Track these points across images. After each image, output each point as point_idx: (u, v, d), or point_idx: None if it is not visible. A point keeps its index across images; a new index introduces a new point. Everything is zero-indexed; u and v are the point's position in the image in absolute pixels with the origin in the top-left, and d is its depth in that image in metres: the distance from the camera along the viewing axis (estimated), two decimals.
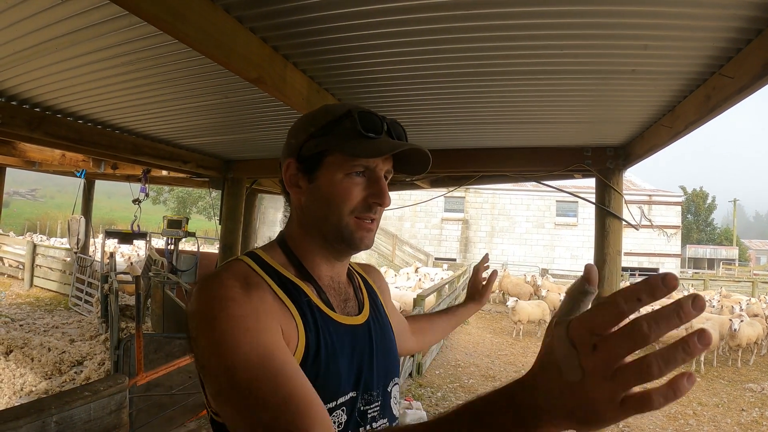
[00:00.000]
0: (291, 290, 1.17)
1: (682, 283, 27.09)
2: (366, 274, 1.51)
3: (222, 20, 2.52)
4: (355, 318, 1.29)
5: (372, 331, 1.30)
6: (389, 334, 1.39)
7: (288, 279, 1.19)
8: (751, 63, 2.58)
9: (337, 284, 1.31)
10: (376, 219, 1.25)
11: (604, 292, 5.01)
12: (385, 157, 1.23)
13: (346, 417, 1.15)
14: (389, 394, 1.30)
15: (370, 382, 1.24)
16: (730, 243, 63.14)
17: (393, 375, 1.34)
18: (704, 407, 8.73)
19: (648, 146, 4.36)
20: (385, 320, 1.41)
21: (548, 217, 33.03)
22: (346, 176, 1.21)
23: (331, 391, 1.12)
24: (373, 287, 1.47)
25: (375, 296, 1.44)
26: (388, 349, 1.34)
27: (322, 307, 1.20)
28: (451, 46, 2.92)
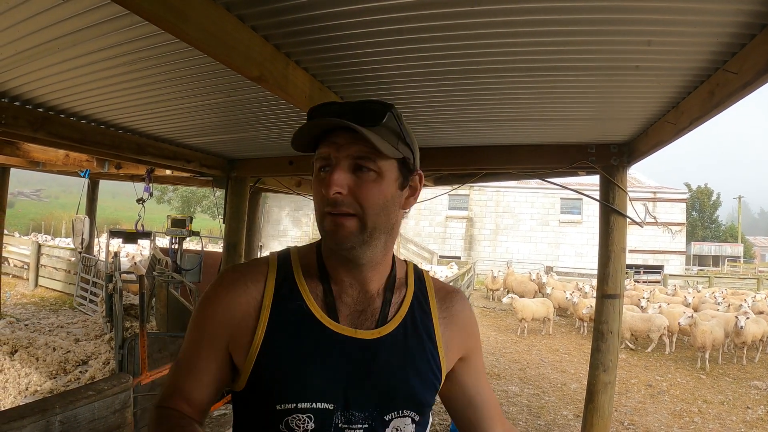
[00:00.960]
0: (285, 292, 1.23)
1: (687, 281, 27.04)
2: (439, 298, 1.36)
3: (223, 19, 2.52)
4: (364, 332, 1.22)
5: (382, 350, 1.21)
6: (414, 364, 1.24)
7: (293, 280, 1.25)
8: (755, 58, 2.56)
9: (358, 292, 1.25)
10: (342, 211, 1.15)
11: (609, 289, 5.00)
12: (339, 143, 1.16)
13: (314, 425, 1.14)
14: (386, 423, 1.20)
15: (356, 401, 1.17)
16: (735, 240, 62.93)
17: (399, 407, 1.21)
18: (709, 405, 8.70)
19: (652, 143, 4.34)
20: (422, 349, 1.26)
21: (553, 215, 33.00)
22: (315, 176, 1.22)
23: (291, 395, 1.15)
24: (433, 312, 1.32)
25: (425, 321, 1.30)
26: (401, 378, 1.21)
27: (316, 312, 1.21)
28: (454, 43, 2.91)
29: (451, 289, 1.41)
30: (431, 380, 1.26)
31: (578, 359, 11.48)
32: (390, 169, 1.20)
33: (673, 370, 10.95)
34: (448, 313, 1.35)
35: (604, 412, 4.98)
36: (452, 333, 1.33)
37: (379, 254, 1.24)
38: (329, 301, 1.23)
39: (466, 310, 1.40)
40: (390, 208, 1.21)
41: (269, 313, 1.20)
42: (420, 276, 1.39)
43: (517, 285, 20.23)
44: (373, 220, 1.17)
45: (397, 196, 1.23)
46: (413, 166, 1.27)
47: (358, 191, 1.16)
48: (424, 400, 1.25)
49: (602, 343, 5.01)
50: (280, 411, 1.14)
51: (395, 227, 1.26)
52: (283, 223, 35.16)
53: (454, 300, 1.38)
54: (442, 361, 1.29)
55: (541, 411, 7.93)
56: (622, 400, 8.62)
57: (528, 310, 13.93)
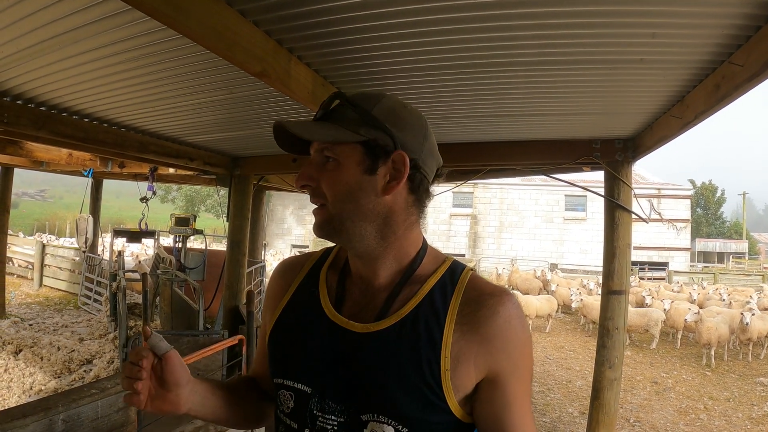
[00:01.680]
0: (308, 279, 1.32)
1: (691, 278, 26.97)
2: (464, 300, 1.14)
3: (224, 13, 2.50)
4: (356, 324, 1.16)
5: (367, 346, 1.14)
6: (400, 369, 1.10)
7: (318, 270, 1.33)
8: (761, 50, 2.53)
9: (366, 285, 1.22)
10: (317, 203, 1.19)
11: (614, 285, 4.97)
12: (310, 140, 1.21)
13: (293, 404, 1.21)
14: (363, 423, 1.10)
15: (331, 391, 1.14)
16: (739, 236, 62.72)
17: (374, 410, 1.10)
18: (715, 402, 8.67)
19: (657, 137, 4.31)
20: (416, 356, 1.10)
21: (557, 212, 32.99)
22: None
23: (280, 368, 1.26)
24: (448, 315, 1.13)
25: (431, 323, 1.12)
26: (378, 380, 1.11)
27: (323, 299, 1.25)
28: (457, 37, 2.88)
29: (488, 291, 1.16)
30: (423, 393, 1.08)
31: (583, 356, 11.46)
32: (350, 155, 1.14)
33: (679, 366, 10.92)
34: (469, 320, 1.12)
35: (609, 408, 4.96)
36: (470, 344, 1.11)
37: (372, 245, 1.18)
38: (339, 291, 1.26)
39: (499, 319, 1.12)
40: (357, 195, 1.14)
41: (290, 295, 1.32)
42: (455, 273, 1.21)
43: (521, 282, 20.23)
44: (338, 207, 1.15)
45: (365, 181, 1.14)
46: (390, 147, 1.15)
47: (321, 181, 1.16)
48: (410, 413, 1.08)
49: (608, 340, 4.98)
50: (276, 384, 1.26)
51: (380, 215, 1.16)
52: (288, 222, 35.24)
53: (485, 305, 1.13)
54: (445, 375, 1.09)
55: (546, 408, 7.91)
56: (627, 397, 8.59)
57: (531, 307, 13.91)
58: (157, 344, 1.16)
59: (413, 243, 1.22)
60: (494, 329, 1.11)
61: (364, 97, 1.19)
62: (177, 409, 1.19)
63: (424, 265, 1.22)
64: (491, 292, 1.15)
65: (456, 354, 1.10)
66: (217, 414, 1.32)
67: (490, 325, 1.11)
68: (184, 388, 1.19)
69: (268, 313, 1.36)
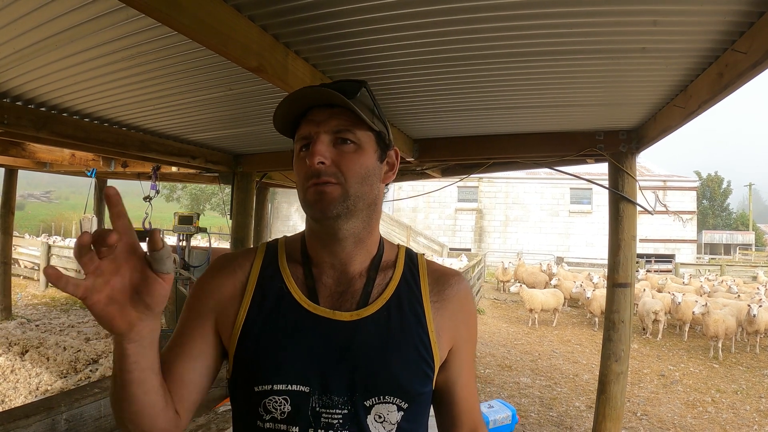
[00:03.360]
0: (268, 275, 1.26)
1: (698, 269, 26.89)
2: (432, 281, 1.31)
3: (219, 8, 2.47)
4: (342, 314, 1.20)
5: (360, 332, 1.19)
6: (398, 349, 1.20)
7: (276, 265, 1.28)
8: (765, 37, 2.49)
9: (339, 273, 1.25)
10: (325, 180, 1.17)
11: (619, 278, 4.95)
12: (317, 120, 1.21)
13: (290, 408, 1.14)
14: (367, 409, 1.15)
15: (333, 385, 1.15)
16: (746, 228, 62.56)
17: (381, 392, 1.16)
18: (723, 394, 8.64)
19: (661, 128, 4.27)
20: (408, 334, 1.22)
21: (562, 205, 32.94)
22: (296, 157, 1.25)
23: (266, 375, 1.16)
24: (423, 295, 1.28)
25: (413, 304, 1.25)
26: (381, 362, 1.17)
27: (296, 294, 1.23)
28: (457, 28, 2.85)
29: (446, 272, 1.35)
30: (420, 367, 1.21)
31: (590, 350, 11.43)
32: (368, 141, 1.23)
33: (686, 359, 10.88)
34: (440, 297, 1.29)
35: (616, 402, 4.94)
36: (443, 319, 1.27)
37: (361, 228, 1.24)
38: (309, 284, 1.24)
39: (460, 294, 1.32)
40: (371, 179, 1.23)
41: (252, 295, 1.23)
42: (413, 258, 1.36)
43: (527, 276, 20.19)
44: (355, 188, 1.19)
45: (377, 168, 1.25)
46: (389, 142, 1.30)
47: (340, 161, 1.18)
48: (411, 387, 1.19)
49: (614, 333, 4.96)
50: (257, 393, 1.16)
51: (377, 202, 1.27)
52: (293, 219, 35.27)
53: (449, 283, 1.31)
54: (434, 347, 1.24)
55: (553, 402, 7.88)
56: (634, 390, 8.56)
57: (536, 300, 13.88)
58: (163, 259, 0.97)
59: (378, 231, 1.34)
60: (459, 304, 1.31)
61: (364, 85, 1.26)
62: (123, 331, 0.97)
63: (386, 252, 1.34)
64: (451, 273, 1.35)
65: (438, 328, 1.25)
66: (146, 376, 1.06)
67: (456, 301, 1.30)
68: (149, 317, 0.99)
69: (217, 312, 1.24)
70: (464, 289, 1.34)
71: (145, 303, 0.97)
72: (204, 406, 5.02)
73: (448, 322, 1.28)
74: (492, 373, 9.36)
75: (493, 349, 11.05)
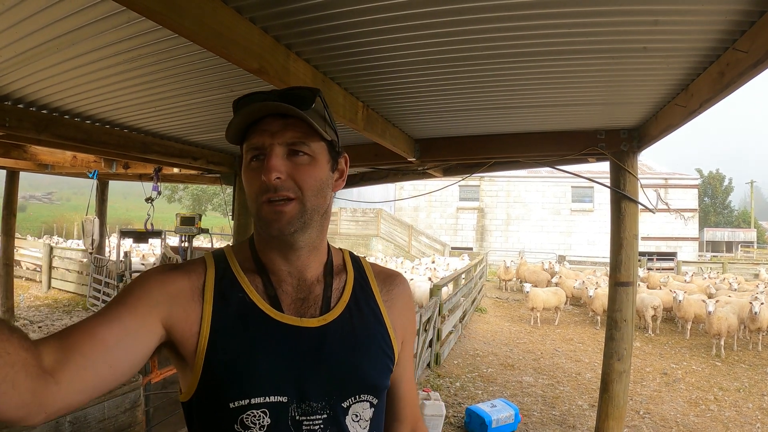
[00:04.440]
0: (225, 285, 1.21)
1: (700, 267, 26.87)
2: (380, 281, 1.37)
3: (220, 11, 2.47)
4: (310, 320, 1.20)
5: (329, 337, 1.20)
6: (365, 348, 1.24)
7: (233, 274, 1.23)
8: (766, 36, 2.49)
9: (297, 280, 1.25)
10: (282, 196, 1.15)
11: (621, 276, 4.95)
12: (271, 131, 1.17)
13: (270, 420, 1.11)
14: (344, 410, 1.18)
15: (310, 391, 1.15)
16: (748, 225, 62.53)
17: (355, 392, 1.20)
18: (725, 392, 8.63)
19: (662, 127, 4.28)
20: (370, 333, 1.27)
21: (564, 204, 32.93)
22: (246, 167, 1.23)
23: (243, 389, 1.11)
24: (376, 295, 1.34)
25: (370, 304, 1.31)
26: (352, 363, 1.20)
27: (259, 303, 1.20)
28: (457, 28, 2.85)
29: (390, 272, 1.43)
30: (384, 362, 1.27)
31: (592, 348, 11.43)
32: (321, 152, 1.22)
33: (689, 357, 10.87)
34: (389, 296, 1.36)
35: (619, 401, 4.94)
36: (394, 316, 1.34)
37: (315, 237, 1.25)
38: (270, 292, 1.22)
39: (405, 293, 1.41)
40: (325, 190, 1.23)
41: (212, 308, 1.17)
42: (357, 261, 1.41)
43: (529, 275, 20.18)
44: (311, 201, 1.19)
45: (330, 178, 1.26)
46: (339, 149, 1.29)
47: (296, 175, 1.17)
48: (379, 383, 1.25)
49: (616, 332, 4.96)
50: (233, 409, 1.11)
51: (328, 210, 1.28)
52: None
53: (395, 282, 1.40)
54: (394, 342, 1.31)
55: (555, 401, 7.88)
56: (637, 388, 8.56)
57: (539, 299, 13.87)
58: None
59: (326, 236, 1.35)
60: (405, 302, 1.39)
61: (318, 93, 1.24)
62: None
63: (334, 256, 1.36)
64: (395, 273, 1.43)
65: (392, 324, 1.32)
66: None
67: (402, 299, 1.38)
68: None
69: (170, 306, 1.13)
70: (407, 287, 1.43)
71: None
72: None
73: (398, 319, 1.34)
74: (494, 372, 9.36)
75: (495, 348, 11.05)
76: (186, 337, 1.14)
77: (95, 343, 1.01)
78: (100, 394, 1.04)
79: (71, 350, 0.98)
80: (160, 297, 1.13)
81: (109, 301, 1.14)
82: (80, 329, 1.02)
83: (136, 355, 1.08)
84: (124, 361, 1.05)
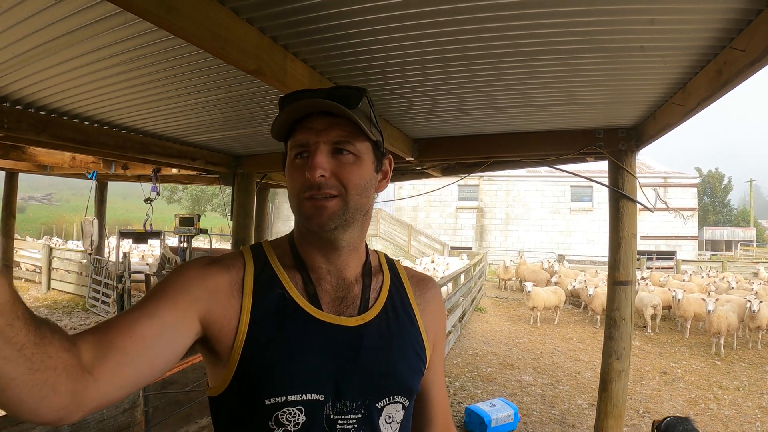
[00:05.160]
0: (265, 281, 1.19)
1: (700, 266, 26.88)
2: (413, 284, 1.37)
3: (217, 12, 2.48)
4: (348, 319, 1.20)
5: (367, 337, 1.19)
6: (400, 349, 1.24)
7: (273, 270, 1.22)
8: (763, 34, 2.50)
9: (336, 279, 1.24)
10: (325, 193, 1.14)
11: (620, 275, 4.95)
12: (317, 128, 1.16)
13: (305, 418, 1.10)
14: (379, 411, 1.17)
15: (347, 390, 1.14)
16: (747, 224, 62.54)
17: (390, 393, 1.19)
18: (725, 391, 8.63)
19: (660, 126, 4.28)
20: (405, 335, 1.26)
21: (563, 203, 32.89)
22: (290, 164, 1.21)
23: (280, 386, 1.10)
24: (410, 297, 1.33)
25: (405, 306, 1.31)
26: (388, 363, 1.20)
27: (299, 301, 1.18)
28: (455, 28, 2.86)
29: (423, 276, 1.44)
30: (417, 365, 1.27)
31: (592, 347, 11.43)
32: (366, 152, 1.21)
33: (688, 356, 10.88)
34: (423, 299, 1.36)
35: (618, 400, 4.94)
36: (427, 319, 1.34)
37: (356, 237, 1.24)
38: (310, 290, 1.20)
39: (437, 297, 1.42)
40: (368, 190, 1.22)
41: (252, 302, 1.15)
42: (392, 264, 1.41)
43: (529, 274, 20.16)
44: (354, 200, 1.17)
45: (374, 178, 1.24)
46: (384, 150, 1.29)
47: (340, 173, 1.16)
48: (413, 385, 1.25)
49: (615, 331, 4.96)
50: (269, 406, 1.09)
51: (370, 210, 1.26)
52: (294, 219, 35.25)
53: (428, 286, 1.40)
54: (426, 345, 1.31)
55: (555, 400, 7.89)
56: (636, 387, 8.56)
57: (540, 298, 13.87)
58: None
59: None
60: (437, 306, 1.40)
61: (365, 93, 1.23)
62: None
63: (371, 257, 1.35)
64: (428, 277, 1.44)
65: (425, 327, 1.32)
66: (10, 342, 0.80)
67: (435, 303, 1.39)
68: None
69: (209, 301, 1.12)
70: (439, 292, 1.44)
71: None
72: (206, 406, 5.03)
73: (430, 322, 1.34)
74: (494, 371, 9.36)
75: (494, 348, 11.05)
76: (223, 333, 1.13)
77: (134, 338, 0.99)
78: (137, 389, 1.05)
79: (110, 347, 0.96)
80: (199, 292, 1.12)
81: (148, 292, 1.12)
82: (118, 324, 1.00)
83: (173, 351, 1.07)
84: (161, 357, 1.04)
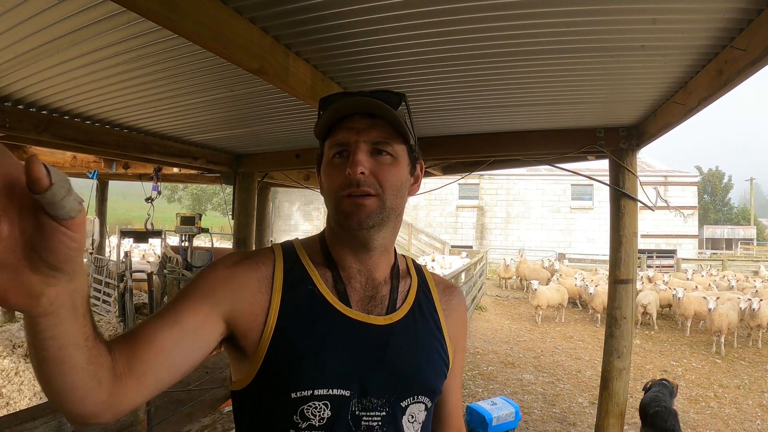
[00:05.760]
0: (295, 277, 1.22)
1: (700, 265, 26.85)
2: (439, 290, 1.40)
3: (220, 12, 2.49)
4: (376, 318, 1.22)
5: (394, 336, 1.21)
6: (426, 351, 1.26)
7: (303, 266, 1.25)
8: (763, 34, 2.50)
9: (366, 279, 1.27)
10: (364, 191, 1.16)
11: (621, 274, 4.95)
12: (357, 128, 1.19)
13: (330, 413, 1.11)
14: (402, 410, 1.19)
15: (372, 388, 1.15)
16: (747, 222, 62.59)
17: (414, 393, 1.21)
18: (725, 389, 8.64)
19: (661, 124, 4.28)
20: (431, 337, 1.29)
21: (564, 202, 32.88)
22: (328, 163, 1.23)
23: (307, 380, 1.12)
24: (436, 303, 1.36)
25: (431, 310, 1.33)
26: (414, 364, 1.22)
27: (329, 297, 1.21)
28: (456, 27, 2.86)
29: (449, 283, 1.46)
30: (441, 368, 1.29)
31: (593, 346, 11.44)
32: (403, 154, 1.24)
33: (689, 354, 10.89)
34: (448, 306, 1.38)
35: (619, 398, 4.95)
36: (451, 326, 1.36)
37: (388, 239, 1.27)
38: (340, 287, 1.23)
39: (462, 306, 1.44)
40: (403, 191, 1.25)
41: (281, 297, 1.18)
42: (419, 269, 1.43)
43: (529, 273, 20.15)
44: (391, 200, 1.20)
45: (408, 181, 1.27)
46: (418, 155, 1.31)
47: (378, 173, 1.18)
48: (436, 387, 1.27)
49: (616, 329, 4.96)
50: (295, 399, 1.11)
51: (402, 213, 1.29)
52: (294, 218, 35.24)
53: (453, 294, 1.42)
54: (449, 349, 1.32)
55: (556, 399, 7.90)
56: (637, 386, 8.54)
57: (544, 297, 13.87)
58: (56, 200, 0.64)
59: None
60: (460, 314, 1.42)
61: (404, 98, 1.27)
62: (26, 306, 0.73)
63: (399, 260, 1.37)
64: (452, 285, 1.46)
65: (449, 332, 1.34)
66: (66, 354, 0.84)
67: (459, 310, 1.41)
68: (60, 280, 0.73)
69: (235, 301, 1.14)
70: (464, 300, 1.47)
71: (48, 263, 0.70)
72: (208, 405, 5.03)
73: (453, 329, 1.36)
74: (495, 370, 9.37)
75: (495, 346, 11.06)
76: (250, 328, 1.16)
77: (153, 349, 1.04)
78: (161, 392, 1.08)
79: (133, 357, 1.01)
80: (224, 293, 1.15)
81: (177, 294, 1.16)
82: (141, 334, 1.05)
83: (195, 355, 1.12)
84: (182, 362, 1.09)
